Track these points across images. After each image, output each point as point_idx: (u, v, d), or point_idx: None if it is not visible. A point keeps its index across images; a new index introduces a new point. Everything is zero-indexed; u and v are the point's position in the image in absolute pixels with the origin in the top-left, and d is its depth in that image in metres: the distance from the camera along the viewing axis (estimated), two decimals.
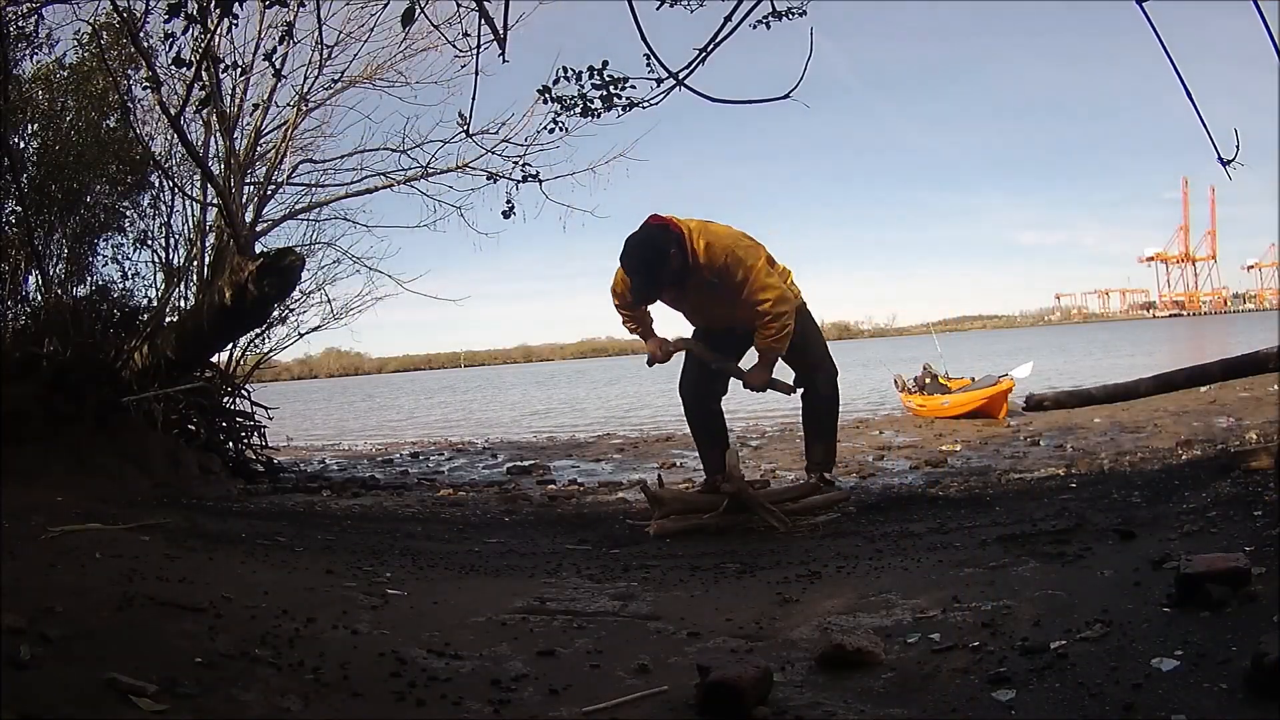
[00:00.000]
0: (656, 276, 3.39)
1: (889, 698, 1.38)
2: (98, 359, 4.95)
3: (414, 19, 2.87)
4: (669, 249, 3.35)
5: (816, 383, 3.80)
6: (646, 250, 3.37)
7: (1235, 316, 58.22)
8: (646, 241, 3.38)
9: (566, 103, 3.29)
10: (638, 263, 3.40)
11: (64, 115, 5.14)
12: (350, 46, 5.40)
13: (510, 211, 4.34)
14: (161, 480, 4.54)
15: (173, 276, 5.52)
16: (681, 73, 2.89)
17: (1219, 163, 2.24)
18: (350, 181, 5.83)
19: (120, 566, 2.10)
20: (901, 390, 9.43)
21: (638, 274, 3.42)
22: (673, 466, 5.77)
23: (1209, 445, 4.44)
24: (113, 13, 4.45)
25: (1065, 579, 1.95)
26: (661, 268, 3.37)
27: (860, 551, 2.66)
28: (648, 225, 3.43)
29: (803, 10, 2.94)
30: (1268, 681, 1.16)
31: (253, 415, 5.89)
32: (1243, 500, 2.53)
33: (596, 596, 2.22)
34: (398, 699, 1.42)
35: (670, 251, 3.35)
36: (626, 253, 3.41)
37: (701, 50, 2.84)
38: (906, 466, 5.04)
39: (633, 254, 3.39)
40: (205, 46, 3.34)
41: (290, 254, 5.19)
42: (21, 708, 1.14)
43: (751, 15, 2.81)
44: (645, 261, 3.38)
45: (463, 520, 3.83)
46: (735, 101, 2.99)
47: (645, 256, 3.38)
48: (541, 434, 9.97)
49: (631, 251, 3.39)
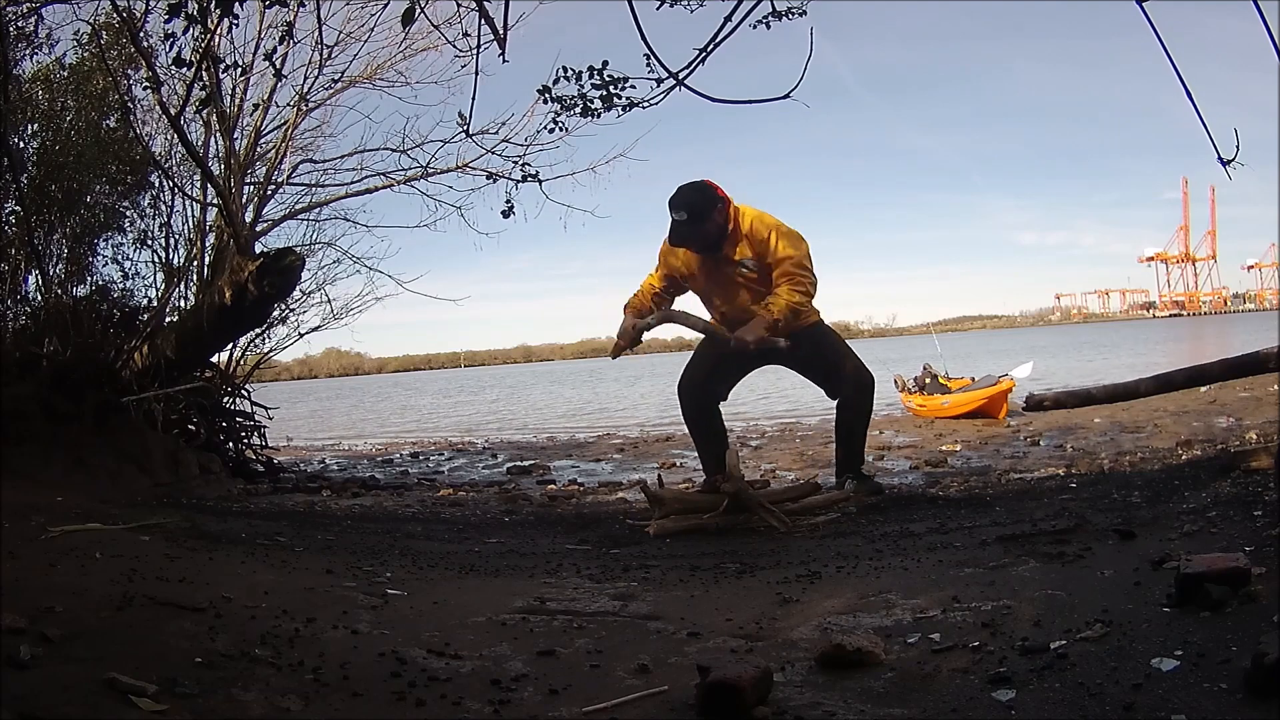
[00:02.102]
0: (702, 220, 3.43)
1: (889, 698, 1.38)
2: (98, 359, 4.94)
3: (414, 19, 2.88)
4: (717, 204, 3.46)
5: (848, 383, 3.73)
6: (699, 194, 3.47)
7: (1235, 316, 58.21)
8: (699, 188, 3.49)
9: (566, 103, 3.29)
10: (689, 200, 3.44)
11: (64, 115, 5.13)
12: (350, 46, 5.41)
13: (510, 211, 4.33)
14: (161, 480, 4.54)
15: (173, 276, 5.51)
16: (681, 73, 2.89)
17: (1219, 163, 2.25)
18: (350, 181, 5.83)
19: (120, 566, 2.10)
20: (901, 390, 9.43)
21: (685, 211, 3.44)
22: (673, 466, 5.77)
23: (1209, 445, 4.44)
24: (113, 13, 4.46)
25: (1065, 579, 1.95)
26: (708, 214, 3.44)
27: (860, 551, 2.66)
28: (702, 180, 3.53)
29: (803, 10, 2.94)
30: (1267, 681, 1.16)
31: (253, 415, 5.89)
32: (1243, 500, 2.53)
33: (596, 596, 2.21)
34: (398, 699, 1.42)
35: (718, 206, 3.46)
36: (678, 192, 3.47)
37: (701, 50, 2.84)
38: (906, 466, 5.04)
39: (685, 192, 3.46)
40: (205, 46, 3.34)
41: (290, 254, 5.19)
42: (21, 708, 1.14)
43: (751, 15, 2.81)
44: (695, 203, 3.44)
45: (463, 520, 3.83)
46: (735, 101, 2.99)
47: (696, 199, 3.45)
48: (541, 434, 9.97)
49: (685, 191, 3.47)
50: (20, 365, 4.63)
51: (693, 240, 3.52)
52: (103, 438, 4.49)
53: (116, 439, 4.56)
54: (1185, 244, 79.86)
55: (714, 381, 3.77)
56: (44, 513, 2.96)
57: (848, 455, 3.77)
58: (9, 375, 4.46)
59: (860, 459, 3.85)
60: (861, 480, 3.71)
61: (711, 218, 3.45)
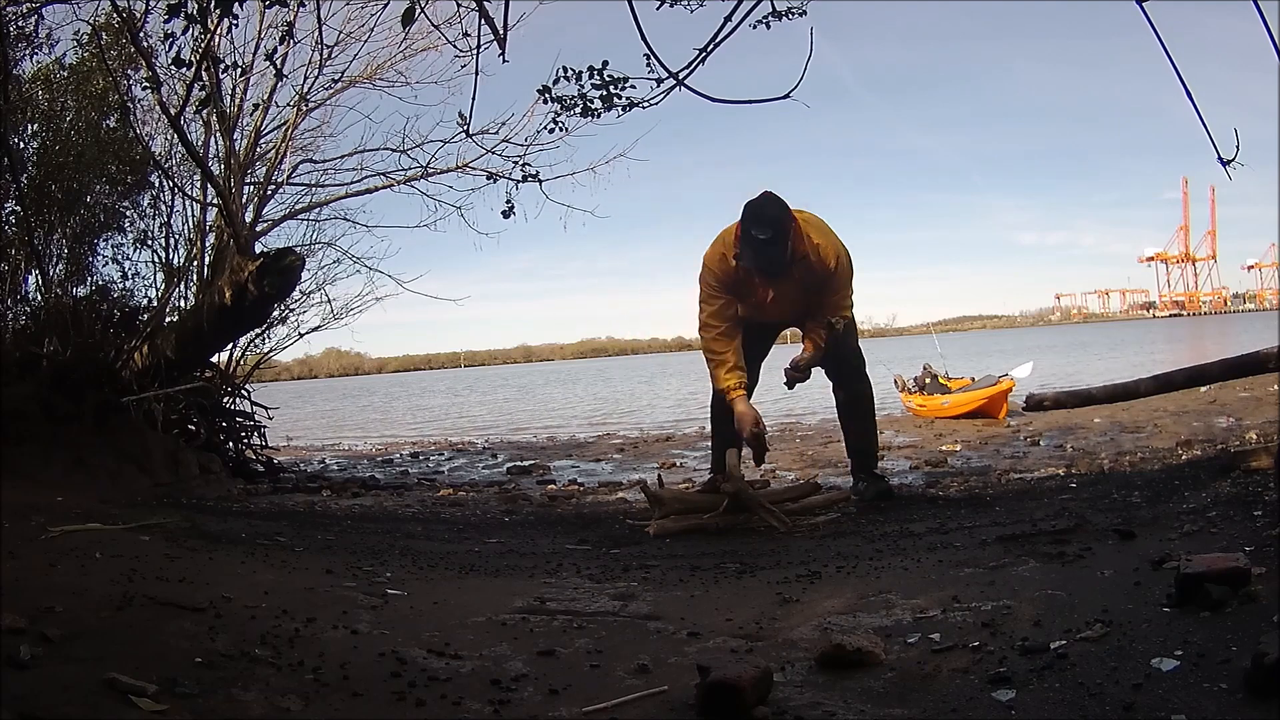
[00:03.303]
0: (786, 240, 3.20)
1: (889, 698, 1.38)
2: (98, 359, 4.95)
3: (414, 19, 2.88)
4: (792, 223, 3.23)
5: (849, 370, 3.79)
6: (784, 211, 3.22)
7: (1235, 316, 58.21)
8: (781, 203, 3.23)
9: (566, 103, 3.29)
10: (773, 218, 3.19)
11: (64, 115, 5.14)
12: (350, 46, 5.42)
13: (510, 211, 4.34)
14: (161, 480, 4.54)
15: (173, 276, 5.52)
16: (681, 73, 2.89)
17: (1219, 163, 2.25)
18: (350, 181, 5.85)
19: (120, 566, 2.11)
20: (901, 390, 9.43)
21: (771, 230, 3.17)
22: (673, 466, 5.77)
23: (1209, 445, 4.44)
24: (113, 13, 4.46)
25: (1065, 579, 1.95)
26: (789, 235, 3.21)
27: (860, 551, 2.66)
28: (770, 195, 3.25)
29: (803, 10, 2.94)
30: (1267, 681, 1.16)
31: (253, 415, 5.89)
32: (1243, 500, 2.53)
33: (596, 596, 2.21)
34: (398, 699, 1.42)
35: (793, 226, 3.24)
36: (765, 211, 3.19)
37: (701, 50, 2.84)
38: (906, 466, 5.04)
39: (769, 207, 3.20)
40: (205, 46, 3.34)
41: (290, 254, 5.20)
42: (21, 708, 1.14)
43: (751, 15, 2.81)
44: (780, 220, 3.19)
45: (463, 520, 3.83)
46: (735, 101, 2.98)
47: (782, 215, 3.21)
48: (541, 434, 9.97)
49: (767, 205, 3.20)
50: (20, 365, 4.64)
51: (776, 263, 3.25)
52: (103, 438, 4.50)
53: (116, 439, 4.56)
54: (1185, 244, 79.90)
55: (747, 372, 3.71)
56: (44, 513, 2.96)
57: (861, 454, 3.82)
58: (9, 375, 4.46)
59: (874, 459, 3.87)
60: (872, 481, 3.73)
61: (790, 238, 3.21)
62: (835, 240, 3.43)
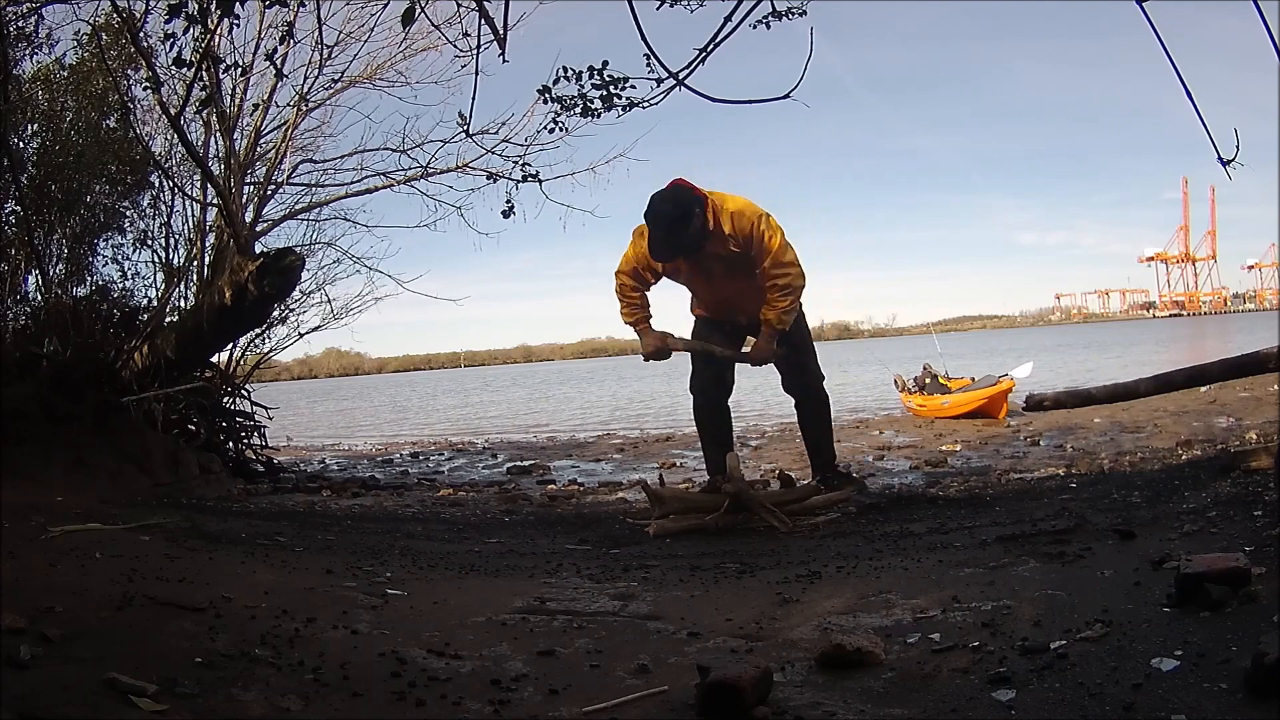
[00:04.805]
0: (680, 231, 3.41)
1: (889, 698, 1.38)
2: (98, 359, 4.94)
3: (414, 19, 2.88)
4: (694, 208, 3.42)
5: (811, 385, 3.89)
6: (674, 204, 3.43)
7: (1235, 316, 58.18)
8: (674, 196, 3.45)
9: (566, 103, 3.29)
10: (664, 215, 3.41)
11: (64, 115, 5.14)
12: (350, 46, 5.42)
13: (510, 211, 4.34)
14: (161, 480, 4.54)
15: (173, 276, 5.52)
16: (681, 73, 2.89)
17: (1219, 163, 2.25)
18: (350, 181, 5.85)
19: (120, 566, 2.11)
20: (901, 390, 9.43)
21: (662, 225, 3.42)
22: (673, 466, 5.78)
23: (1209, 445, 4.44)
24: (113, 13, 4.46)
25: (1065, 579, 1.95)
26: (687, 223, 3.40)
27: (860, 551, 2.66)
28: (675, 184, 3.49)
29: (803, 10, 2.94)
30: (1267, 681, 1.16)
31: (253, 415, 5.89)
32: (1243, 500, 2.53)
33: (596, 596, 2.21)
34: (398, 699, 1.42)
35: (695, 211, 3.42)
36: (652, 205, 3.44)
37: (701, 50, 2.84)
38: (906, 466, 5.04)
39: (659, 206, 3.43)
40: (205, 46, 3.35)
41: (290, 254, 5.20)
42: (21, 708, 1.14)
43: (751, 15, 2.81)
44: (671, 216, 3.41)
45: (463, 520, 3.83)
46: (735, 101, 2.98)
47: (672, 211, 3.42)
48: (541, 434, 9.96)
49: (658, 204, 3.43)
50: (20, 365, 4.63)
51: (675, 250, 3.51)
52: (103, 438, 4.49)
53: (116, 439, 4.56)
54: (1185, 244, 79.79)
55: (724, 377, 3.84)
56: (44, 513, 2.96)
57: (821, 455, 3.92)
58: (9, 375, 4.46)
59: (833, 460, 3.96)
60: (839, 477, 3.83)
61: (691, 222, 3.41)
62: (753, 207, 3.54)
